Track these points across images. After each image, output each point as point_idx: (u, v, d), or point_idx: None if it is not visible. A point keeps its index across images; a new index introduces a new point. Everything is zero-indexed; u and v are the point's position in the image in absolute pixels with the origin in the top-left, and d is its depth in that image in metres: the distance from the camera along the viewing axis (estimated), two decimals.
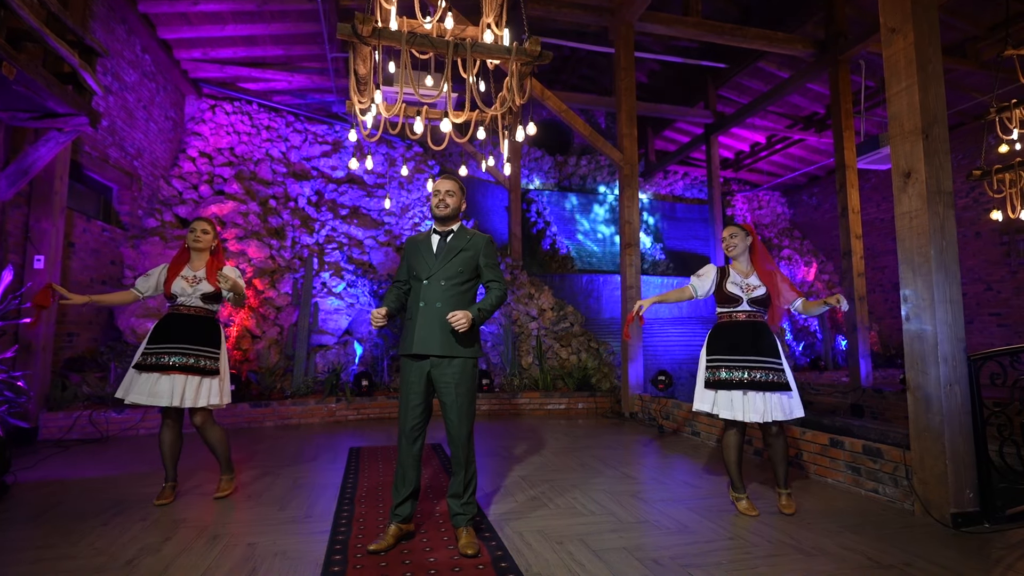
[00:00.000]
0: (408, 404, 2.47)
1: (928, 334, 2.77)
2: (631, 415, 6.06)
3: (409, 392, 2.48)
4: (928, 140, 2.82)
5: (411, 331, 2.48)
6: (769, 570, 2.20)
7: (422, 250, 2.58)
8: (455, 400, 2.43)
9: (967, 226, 9.76)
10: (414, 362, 2.48)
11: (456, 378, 2.45)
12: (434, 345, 2.43)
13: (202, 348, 3.10)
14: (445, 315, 2.44)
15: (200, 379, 3.09)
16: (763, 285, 2.99)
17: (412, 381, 2.48)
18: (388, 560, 2.26)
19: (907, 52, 2.90)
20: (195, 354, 3.07)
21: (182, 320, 3.12)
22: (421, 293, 2.50)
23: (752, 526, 2.70)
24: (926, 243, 2.79)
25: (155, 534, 2.58)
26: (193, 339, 3.09)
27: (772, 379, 2.84)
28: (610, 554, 2.35)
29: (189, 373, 3.04)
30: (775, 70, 9.30)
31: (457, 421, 2.44)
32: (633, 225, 6.30)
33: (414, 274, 2.57)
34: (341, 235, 8.37)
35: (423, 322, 2.45)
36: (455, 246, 2.56)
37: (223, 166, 8.19)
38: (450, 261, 2.53)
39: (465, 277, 2.54)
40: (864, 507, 3.00)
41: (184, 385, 3.04)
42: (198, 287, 3.15)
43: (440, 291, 2.49)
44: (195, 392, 3.06)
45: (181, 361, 3.03)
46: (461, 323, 2.36)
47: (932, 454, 2.74)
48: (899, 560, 2.30)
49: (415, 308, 2.50)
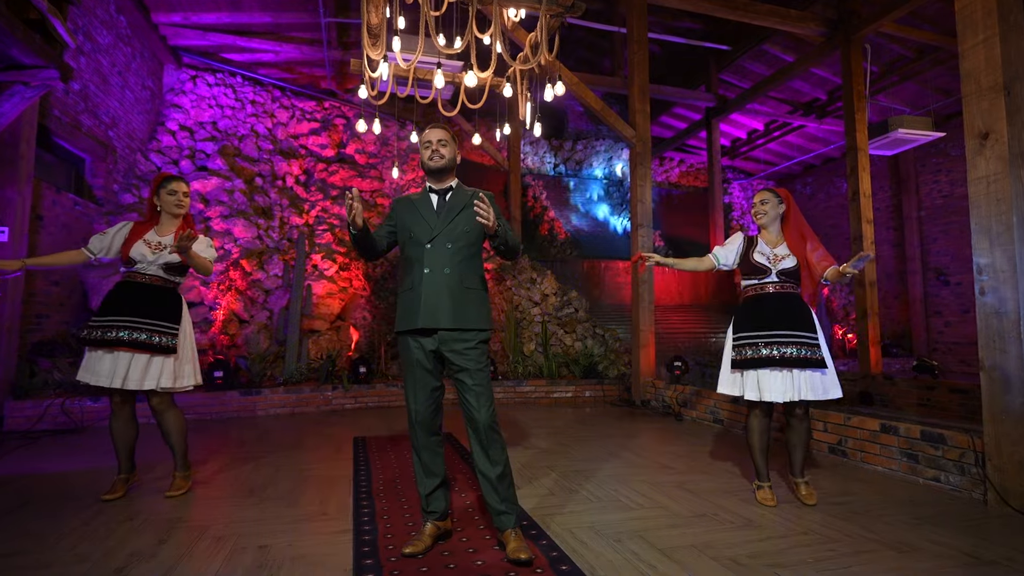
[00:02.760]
0: (418, 388, 2.12)
1: (1009, 308, 2.54)
2: (643, 403, 5.81)
3: (417, 375, 2.12)
4: (1010, 97, 2.58)
5: (414, 302, 2.11)
6: (863, 569, 1.94)
7: (420, 209, 2.21)
8: (473, 379, 2.08)
9: (964, 215, 9.73)
10: (419, 339, 2.12)
11: (472, 354, 2.10)
12: (444, 317, 2.07)
13: (157, 322, 2.66)
14: (455, 281, 2.11)
15: (150, 357, 2.64)
16: (792, 255, 2.70)
17: (418, 360, 2.12)
18: (428, 564, 1.94)
19: (986, 1, 2.65)
20: (148, 328, 2.63)
21: (136, 289, 2.69)
22: (425, 258, 2.13)
23: (821, 519, 2.45)
24: (1007, 209, 2.56)
25: (147, 536, 2.21)
26: (147, 311, 2.65)
27: (805, 355, 2.57)
28: (679, 553, 2.07)
29: (137, 350, 2.61)
30: (779, 52, 9.10)
31: (477, 404, 2.07)
32: (645, 205, 6.03)
33: (411, 236, 2.19)
34: (332, 216, 7.94)
35: (430, 290, 2.09)
36: (458, 202, 2.21)
37: (205, 141, 7.67)
38: (454, 220, 2.18)
39: (472, 238, 2.19)
40: (928, 497, 2.78)
41: (129, 363, 2.60)
42: (161, 255, 2.72)
43: (447, 254, 2.13)
44: (142, 372, 2.62)
45: (130, 336, 2.59)
46: (485, 211, 1.99)
47: (1012, 439, 2.53)
48: (999, 555, 2.07)
49: (417, 275, 2.13)
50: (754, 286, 2.78)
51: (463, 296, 2.12)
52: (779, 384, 2.61)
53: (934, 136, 7.52)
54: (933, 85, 8.97)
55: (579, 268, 8.78)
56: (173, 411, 2.80)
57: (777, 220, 2.82)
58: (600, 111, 5.90)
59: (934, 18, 7.61)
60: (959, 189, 9.75)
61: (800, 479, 2.73)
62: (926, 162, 10.29)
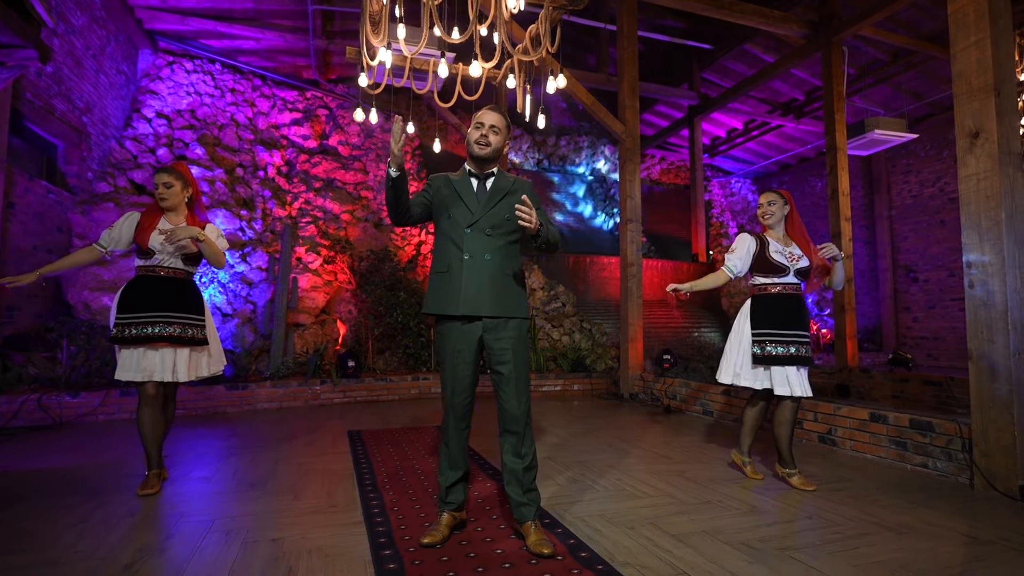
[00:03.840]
0: (457, 376, 2.09)
1: (997, 301, 2.66)
2: (631, 396, 5.88)
3: (458, 362, 2.09)
4: (1000, 98, 2.69)
5: (454, 287, 2.07)
6: (869, 550, 2.01)
7: (460, 191, 2.15)
8: (513, 370, 2.06)
9: (932, 214, 10.12)
10: (461, 326, 2.08)
11: (514, 343, 2.08)
12: (485, 304, 2.05)
13: (187, 315, 2.69)
14: (496, 268, 2.08)
15: (190, 351, 2.71)
16: (805, 256, 2.84)
17: (461, 349, 2.09)
18: (448, 554, 1.93)
19: (978, 5, 2.75)
20: (181, 322, 2.65)
21: (159, 284, 2.65)
22: (464, 243, 2.09)
23: (819, 504, 2.52)
24: (996, 206, 2.67)
25: (151, 531, 2.15)
26: (176, 305, 2.65)
27: (804, 353, 2.78)
28: (692, 539, 2.11)
29: (178, 345, 2.63)
30: (760, 53, 9.29)
31: (516, 395, 2.07)
32: (635, 200, 6.09)
33: (449, 217, 2.13)
34: (316, 208, 7.81)
35: (471, 277, 2.06)
36: (499, 188, 2.16)
37: (183, 129, 7.44)
38: (495, 206, 2.13)
39: (512, 226, 2.14)
40: (916, 482, 2.89)
41: (175, 357, 2.65)
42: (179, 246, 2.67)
43: (486, 241, 2.10)
44: (186, 364, 2.70)
45: (167, 331, 2.60)
46: (528, 215, 1.93)
47: (998, 425, 2.64)
48: (994, 535, 2.16)
49: (456, 260, 2.09)
50: (771, 284, 2.86)
51: (504, 283, 2.09)
52: (796, 379, 2.77)
53: (908, 137, 7.79)
54: (905, 88, 9.27)
55: (565, 263, 8.81)
56: (174, 403, 2.86)
57: (782, 221, 2.92)
58: (591, 106, 5.93)
59: (909, 23, 7.86)
60: (928, 189, 10.12)
61: (795, 469, 2.83)
62: (897, 163, 10.64)
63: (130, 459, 3.29)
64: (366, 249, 7.64)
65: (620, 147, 6.14)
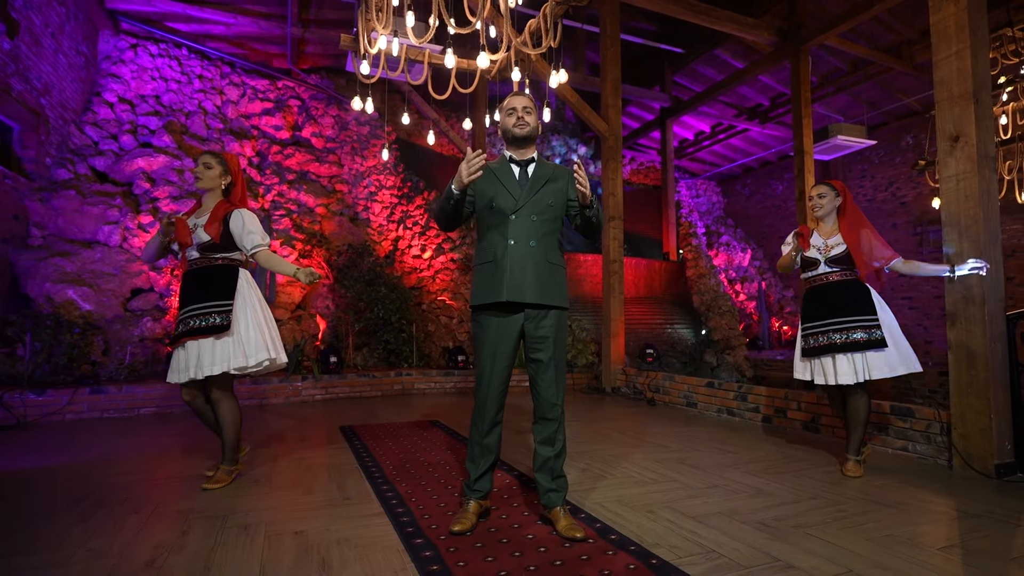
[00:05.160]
0: (496, 366, 2.07)
1: (975, 293, 2.85)
2: (613, 390, 5.99)
3: (498, 351, 2.06)
4: (978, 104, 2.88)
5: (498, 275, 2.03)
6: (876, 525, 2.13)
7: (501, 178, 2.11)
8: (552, 358, 2.07)
9: (885, 218, 10.70)
10: (503, 316, 2.06)
11: (554, 332, 2.08)
12: (529, 291, 2.02)
13: (209, 303, 2.51)
14: (540, 256, 2.06)
15: (214, 341, 2.49)
16: (843, 243, 2.85)
17: (501, 339, 2.06)
18: (480, 540, 1.94)
19: (958, 17, 2.94)
20: (202, 312, 2.51)
21: (190, 278, 2.58)
22: (509, 230, 2.06)
23: (818, 486, 2.65)
24: (975, 206, 2.86)
25: (163, 529, 2.06)
26: (199, 296, 2.53)
27: (858, 337, 2.74)
28: (712, 519, 2.18)
29: (198, 336, 2.49)
30: (730, 58, 9.59)
31: (555, 385, 2.07)
32: (617, 197, 6.20)
33: (492, 206, 2.09)
34: (289, 201, 7.59)
35: (515, 264, 2.02)
36: (541, 175, 2.14)
37: (148, 115, 7.10)
38: (539, 192, 2.10)
39: (556, 212, 2.13)
40: (898, 464, 3.07)
41: (198, 352, 2.50)
42: (195, 235, 2.56)
43: (531, 227, 2.07)
44: (209, 357, 2.48)
45: (192, 325, 2.50)
46: (584, 181, 1.98)
47: (975, 409, 2.84)
48: (981, 510, 2.33)
49: (500, 247, 2.05)
50: (810, 278, 2.97)
51: (548, 271, 2.08)
52: (845, 367, 2.78)
53: (867, 144, 8.22)
54: (863, 98, 9.77)
55: None
56: (229, 401, 2.61)
57: (833, 212, 2.97)
58: (576, 104, 6.00)
59: (869, 34, 8.29)
60: (881, 194, 10.70)
61: (853, 456, 2.85)
62: (853, 168, 11.20)
63: (114, 458, 3.13)
64: (343, 243, 7.49)
65: (603, 145, 6.24)
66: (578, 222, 2.16)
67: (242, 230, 2.58)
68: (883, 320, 2.79)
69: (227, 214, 2.59)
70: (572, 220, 2.20)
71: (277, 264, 2.59)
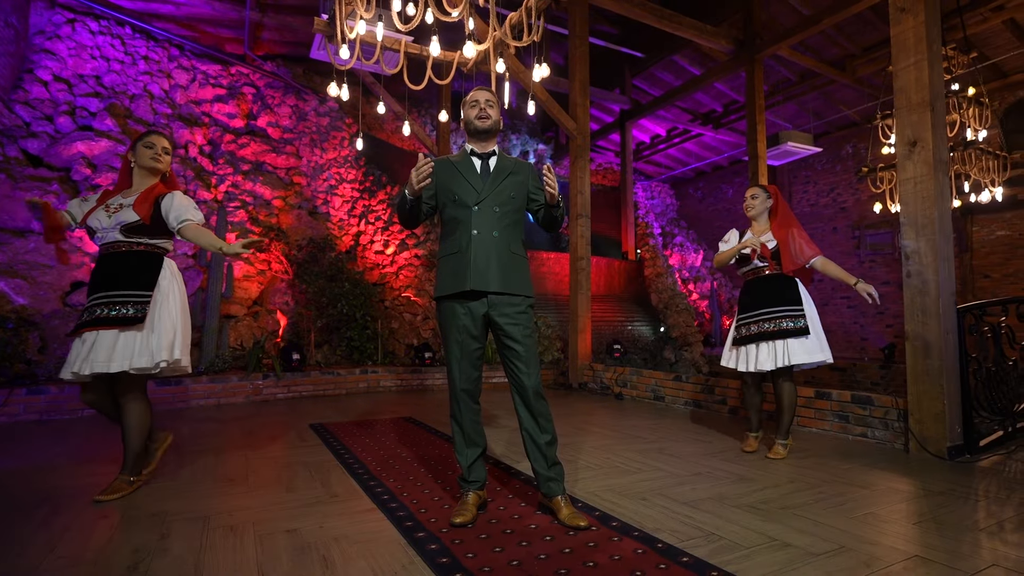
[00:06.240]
0: (464, 355, 2.08)
1: (931, 288, 3.06)
2: (580, 385, 6.06)
3: (464, 339, 2.07)
4: (934, 112, 3.10)
5: (463, 265, 2.06)
6: (854, 504, 2.25)
7: (462, 172, 2.14)
8: (523, 344, 2.08)
9: (826, 222, 11.35)
10: (466, 303, 2.07)
11: (522, 319, 2.10)
12: (494, 280, 2.05)
13: (123, 292, 2.27)
14: (503, 245, 2.10)
15: (118, 333, 2.24)
16: (775, 239, 3.07)
17: (466, 325, 2.07)
18: (484, 532, 1.91)
19: (917, 30, 3.15)
20: (115, 301, 2.26)
21: (105, 262, 2.34)
22: (472, 221, 2.09)
23: (794, 471, 2.77)
24: (931, 206, 3.07)
25: (140, 532, 1.91)
26: (114, 283, 2.28)
27: (786, 326, 2.93)
28: (705, 504, 2.24)
29: (102, 326, 2.23)
30: (687, 64, 9.91)
31: (528, 370, 2.08)
32: (584, 196, 6.28)
33: (455, 199, 2.12)
34: (244, 193, 7.26)
35: (479, 253, 2.05)
36: (503, 167, 2.18)
37: (87, 96, 6.60)
38: (501, 184, 2.14)
39: (517, 204, 2.18)
40: (859, 449, 3.25)
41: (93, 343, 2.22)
42: (117, 215, 2.32)
43: (494, 218, 2.11)
44: (108, 351, 2.21)
45: (101, 313, 2.24)
46: (552, 182, 2.02)
47: (930, 396, 3.05)
48: (942, 488, 2.50)
49: (465, 238, 2.08)
50: (745, 272, 3.17)
51: (510, 261, 2.11)
52: (765, 355, 2.98)
53: (814, 151, 8.69)
54: (809, 107, 10.32)
55: None
56: (138, 403, 2.36)
57: (765, 212, 3.17)
58: (546, 102, 6.02)
59: (816, 47, 8.76)
60: (823, 199, 11.33)
61: (781, 440, 3.06)
62: (798, 174, 11.81)
63: (64, 462, 2.89)
64: (302, 238, 7.23)
65: (571, 144, 6.30)
66: (540, 215, 2.23)
67: (171, 205, 2.40)
68: (807, 312, 2.99)
69: (160, 195, 2.41)
70: (535, 215, 2.26)
71: (204, 237, 2.39)
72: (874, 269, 10.42)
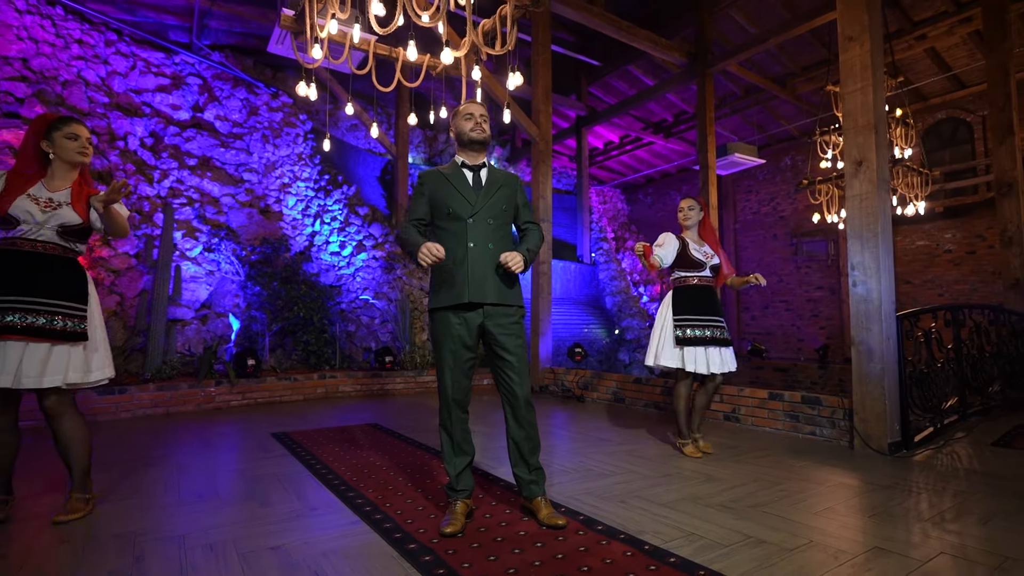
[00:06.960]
0: (456, 365, 2.12)
1: (874, 297, 3.32)
2: (541, 388, 6.14)
3: (458, 349, 2.11)
4: (877, 134, 3.36)
5: (459, 277, 2.10)
6: (815, 500, 2.41)
7: (455, 184, 2.19)
8: (515, 355, 2.13)
9: (767, 229, 12.00)
10: (461, 313, 2.11)
11: (517, 329, 2.17)
12: (490, 292, 2.11)
13: (60, 302, 2.10)
14: (498, 257, 2.13)
15: (51, 346, 2.08)
16: (716, 255, 3.31)
17: (461, 335, 2.11)
18: (476, 540, 1.92)
19: (863, 58, 3.40)
20: (48, 309, 2.07)
21: (26, 260, 2.10)
22: (467, 233, 2.13)
23: (756, 470, 2.93)
24: (874, 221, 3.33)
25: (111, 554, 1.80)
26: (46, 289, 2.09)
27: (724, 336, 3.21)
28: (681, 504, 2.34)
29: (34, 337, 2.03)
30: (641, 75, 10.22)
31: (520, 379, 2.14)
32: (547, 200, 6.37)
33: (448, 212, 2.16)
34: (191, 189, 6.90)
35: (476, 265, 2.10)
36: (495, 180, 2.24)
37: (13, 80, 6.09)
38: (493, 196, 2.20)
39: (508, 216, 2.25)
40: (808, 447, 3.48)
41: (22, 355, 2.02)
42: (56, 214, 2.14)
43: (489, 230, 2.16)
44: (41, 365, 2.04)
45: (23, 320, 2.02)
46: (519, 263, 2.09)
47: (873, 396, 3.30)
48: (887, 482, 2.71)
49: (461, 250, 2.12)
50: (689, 276, 3.28)
51: (505, 273, 2.14)
52: (716, 359, 3.18)
53: (758, 162, 9.16)
54: (752, 120, 10.87)
55: None
56: (73, 416, 2.19)
57: (697, 224, 3.35)
58: (509, 105, 6.06)
59: (760, 64, 9.25)
60: (764, 208, 11.97)
61: (699, 435, 3.33)
62: (741, 183, 12.42)
63: None
64: (254, 237, 6.95)
65: (534, 149, 6.38)
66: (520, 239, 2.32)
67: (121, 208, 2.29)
68: None
69: (90, 195, 2.25)
70: (517, 230, 2.35)
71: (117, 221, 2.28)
72: (810, 275, 11.11)
